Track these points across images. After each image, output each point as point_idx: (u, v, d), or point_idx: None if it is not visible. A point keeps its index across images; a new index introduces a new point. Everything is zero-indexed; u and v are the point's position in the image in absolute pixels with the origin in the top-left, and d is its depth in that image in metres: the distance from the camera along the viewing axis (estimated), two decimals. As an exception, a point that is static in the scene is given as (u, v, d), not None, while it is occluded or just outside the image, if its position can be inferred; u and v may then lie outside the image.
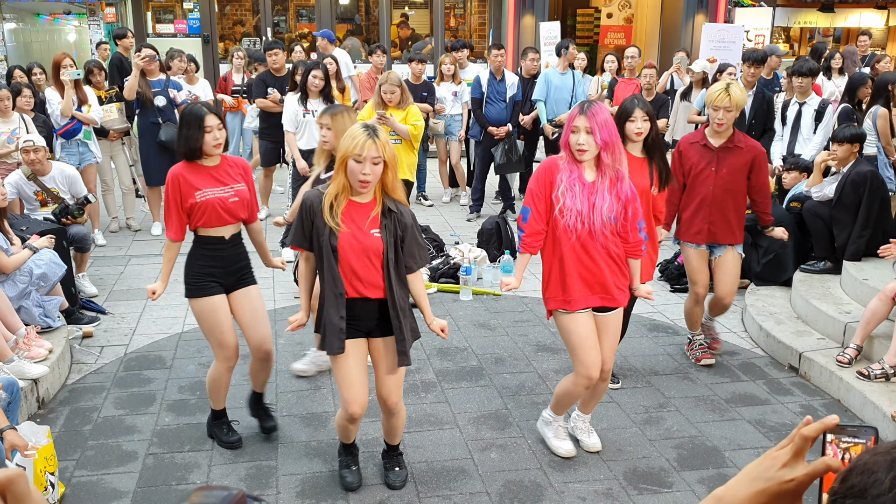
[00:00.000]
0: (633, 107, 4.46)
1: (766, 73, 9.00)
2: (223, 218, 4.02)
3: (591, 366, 3.93)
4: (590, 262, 3.85)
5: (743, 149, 4.91)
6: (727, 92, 4.77)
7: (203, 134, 3.91)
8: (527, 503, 3.89)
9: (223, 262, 4.09)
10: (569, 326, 3.94)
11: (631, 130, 4.45)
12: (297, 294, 6.58)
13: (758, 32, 14.43)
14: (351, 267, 3.50)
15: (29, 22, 14.78)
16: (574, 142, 3.71)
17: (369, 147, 3.38)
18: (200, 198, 3.95)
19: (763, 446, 4.42)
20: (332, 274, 3.51)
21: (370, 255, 3.50)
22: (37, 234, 5.61)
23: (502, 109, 8.84)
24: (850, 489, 0.93)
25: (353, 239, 3.47)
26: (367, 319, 3.62)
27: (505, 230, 7.61)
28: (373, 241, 3.50)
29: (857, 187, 5.98)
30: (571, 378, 4.08)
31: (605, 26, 16.47)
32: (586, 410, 4.34)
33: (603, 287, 3.89)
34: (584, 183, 3.76)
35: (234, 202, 4.03)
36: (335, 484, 4.02)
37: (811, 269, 6.28)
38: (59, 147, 7.80)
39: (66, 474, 4.08)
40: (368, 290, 3.55)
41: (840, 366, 5.00)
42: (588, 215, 3.75)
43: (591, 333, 3.94)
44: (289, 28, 15.09)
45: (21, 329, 4.95)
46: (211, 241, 4.05)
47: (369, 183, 3.44)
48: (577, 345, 3.94)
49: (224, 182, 4.04)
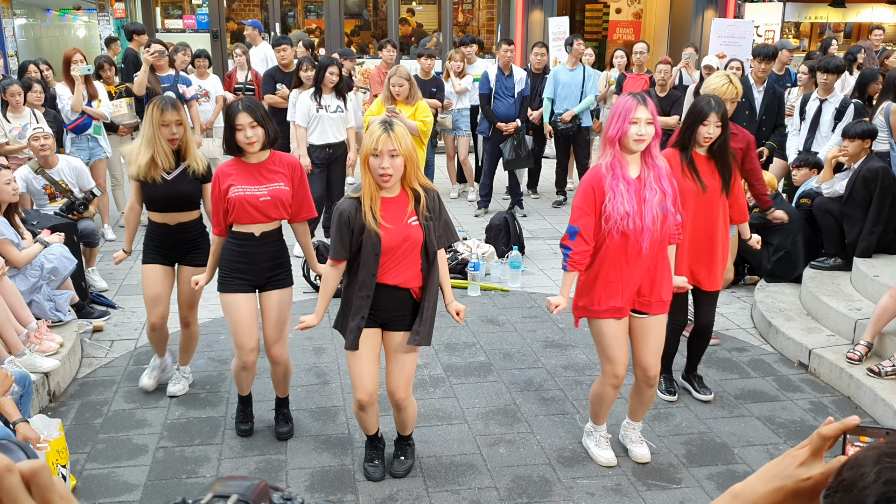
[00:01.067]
0: (709, 110, 4.27)
1: (777, 69, 8.96)
2: (253, 216, 3.99)
3: (618, 362, 3.89)
4: (633, 266, 3.75)
5: (738, 135, 4.95)
6: (732, 83, 4.77)
7: (235, 132, 3.92)
8: (535, 498, 3.89)
9: (252, 259, 4.07)
10: (601, 328, 3.89)
11: (701, 134, 4.29)
12: (305, 289, 6.60)
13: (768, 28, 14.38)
14: (394, 260, 3.54)
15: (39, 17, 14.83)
16: (635, 132, 3.62)
17: (384, 141, 3.39)
18: (233, 193, 3.96)
19: (772, 443, 4.41)
20: (368, 274, 3.53)
21: (412, 245, 3.54)
22: (48, 229, 5.64)
23: (511, 105, 8.83)
24: (840, 483, 0.95)
25: (395, 234, 3.50)
26: (388, 310, 3.65)
27: (513, 226, 7.61)
28: (414, 230, 3.54)
29: (869, 183, 5.96)
30: (600, 380, 4.05)
31: (613, 22, 16.43)
32: (636, 418, 4.24)
33: (642, 293, 3.83)
34: (628, 181, 3.68)
35: (265, 201, 3.98)
36: (345, 477, 4.04)
37: (821, 266, 6.26)
38: (69, 142, 7.83)
39: (78, 467, 4.10)
40: (405, 280, 3.58)
41: (850, 363, 4.99)
42: (639, 212, 3.65)
43: (622, 334, 3.90)
44: (297, 23, 15.10)
45: (32, 323, 4.98)
46: (240, 236, 4.05)
47: (391, 177, 3.45)
48: (606, 345, 3.90)
49: (261, 181, 4.00)
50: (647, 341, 3.94)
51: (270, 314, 4.18)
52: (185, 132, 4.42)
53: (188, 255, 4.59)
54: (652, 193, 3.68)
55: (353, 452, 4.24)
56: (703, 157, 4.41)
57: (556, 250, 7.88)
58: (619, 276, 3.77)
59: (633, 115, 3.62)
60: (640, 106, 3.62)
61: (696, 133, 4.31)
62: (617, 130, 3.66)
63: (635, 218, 3.65)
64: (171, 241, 4.54)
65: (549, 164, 10.31)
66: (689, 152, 4.38)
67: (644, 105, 3.63)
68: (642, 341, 3.95)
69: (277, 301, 4.18)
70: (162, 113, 4.31)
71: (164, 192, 4.43)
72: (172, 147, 4.42)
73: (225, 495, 0.81)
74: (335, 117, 7.26)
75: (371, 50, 14.82)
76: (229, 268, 4.08)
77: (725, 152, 4.40)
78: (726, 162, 4.42)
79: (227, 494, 0.81)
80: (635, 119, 3.62)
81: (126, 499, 3.87)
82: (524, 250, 7.62)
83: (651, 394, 4.08)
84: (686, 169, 4.35)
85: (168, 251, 4.58)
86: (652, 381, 4.00)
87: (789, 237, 6.37)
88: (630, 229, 3.66)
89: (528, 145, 8.93)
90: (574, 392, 4.96)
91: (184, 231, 4.54)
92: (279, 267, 4.17)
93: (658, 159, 3.75)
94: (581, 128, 9.16)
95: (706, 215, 4.42)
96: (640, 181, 3.70)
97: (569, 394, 4.95)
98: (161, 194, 4.43)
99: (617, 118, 3.66)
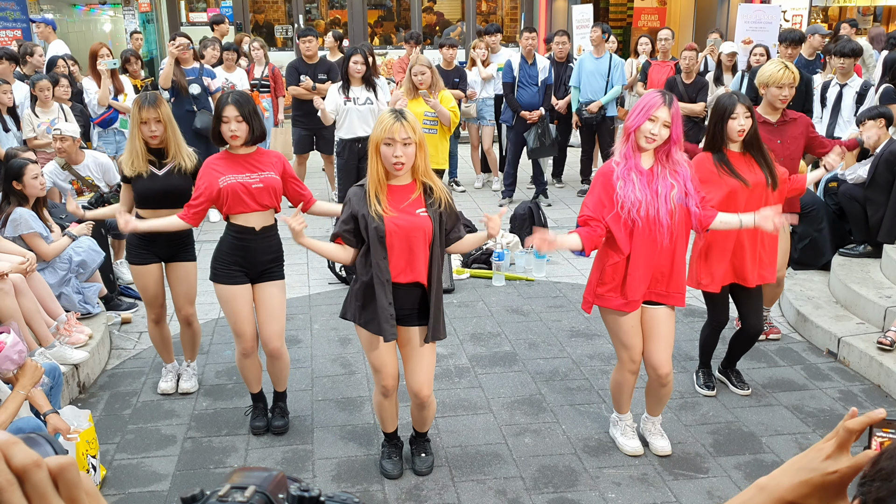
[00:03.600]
0: (733, 103, 4.17)
1: (808, 54, 8.80)
2: (247, 204, 4.01)
3: (633, 348, 3.91)
4: (648, 254, 3.72)
5: (797, 119, 4.92)
6: (788, 69, 4.73)
7: (220, 123, 3.97)
8: (561, 488, 3.89)
9: (250, 253, 4.10)
10: (615, 319, 3.89)
11: (733, 129, 4.17)
12: (331, 280, 6.63)
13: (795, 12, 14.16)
14: (398, 250, 3.52)
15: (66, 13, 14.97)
16: (648, 129, 3.61)
17: (398, 129, 3.40)
18: (223, 183, 3.98)
19: (800, 432, 4.37)
20: (378, 261, 3.52)
21: (418, 235, 3.52)
22: (75, 222, 5.71)
23: (534, 94, 8.78)
24: (878, 472, 0.95)
25: (401, 221, 3.49)
26: (403, 308, 3.63)
27: (538, 215, 7.58)
28: (421, 220, 3.52)
29: (892, 166, 5.89)
30: (617, 368, 4.06)
31: (638, 8, 16.26)
32: (654, 413, 4.21)
33: (656, 282, 3.80)
34: (640, 171, 3.67)
35: (258, 188, 4.02)
36: (370, 468, 4.06)
37: (850, 253, 6.18)
38: (96, 136, 7.91)
39: (107, 457, 4.16)
40: (414, 273, 3.56)
41: (881, 349, 4.93)
42: (652, 202, 3.63)
43: (636, 322, 3.90)
44: (321, 15, 15.12)
45: (62, 315, 5.05)
46: (241, 230, 4.08)
47: (404, 165, 3.46)
48: (621, 333, 3.91)
49: (252, 170, 4.04)
50: (657, 336, 3.91)
51: (265, 306, 4.19)
52: (166, 130, 4.38)
53: (179, 252, 4.59)
54: (666, 187, 3.65)
55: (378, 442, 4.25)
56: (738, 153, 4.28)
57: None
58: (636, 269, 3.75)
59: (654, 112, 3.61)
60: (663, 106, 3.61)
61: (726, 128, 4.22)
62: (634, 122, 3.67)
63: (648, 207, 3.63)
64: (163, 239, 4.49)
65: (573, 152, 10.25)
66: (723, 152, 4.26)
67: (667, 107, 3.61)
68: (652, 336, 3.92)
69: (272, 293, 4.19)
70: (140, 110, 4.31)
71: (156, 188, 4.41)
72: (154, 144, 4.41)
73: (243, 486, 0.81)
74: (364, 110, 7.01)
75: (394, 41, 14.81)
76: (227, 260, 4.11)
77: (759, 144, 4.28)
78: (762, 154, 4.28)
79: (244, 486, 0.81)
80: (654, 117, 3.61)
81: (155, 489, 3.92)
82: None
83: (665, 392, 4.05)
84: (722, 168, 4.22)
85: (159, 249, 4.55)
86: (664, 379, 3.96)
87: (814, 224, 6.29)
88: (642, 217, 3.63)
89: (552, 134, 8.88)
90: (600, 381, 4.94)
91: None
92: (275, 261, 4.20)
93: (679, 165, 3.70)
94: (606, 117, 9.10)
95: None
96: (652, 173, 3.68)
97: (594, 383, 4.93)
98: (153, 189, 4.41)
99: (639, 110, 3.67)
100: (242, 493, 0.80)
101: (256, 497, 0.80)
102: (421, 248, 3.54)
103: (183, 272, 4.61)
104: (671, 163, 3.69)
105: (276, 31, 14.63)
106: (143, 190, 4.42)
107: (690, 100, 8.30)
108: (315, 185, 9.72)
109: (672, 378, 4.03)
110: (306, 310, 6.09)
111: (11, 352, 3.56)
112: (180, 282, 4.62)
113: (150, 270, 4.57)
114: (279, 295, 4.22)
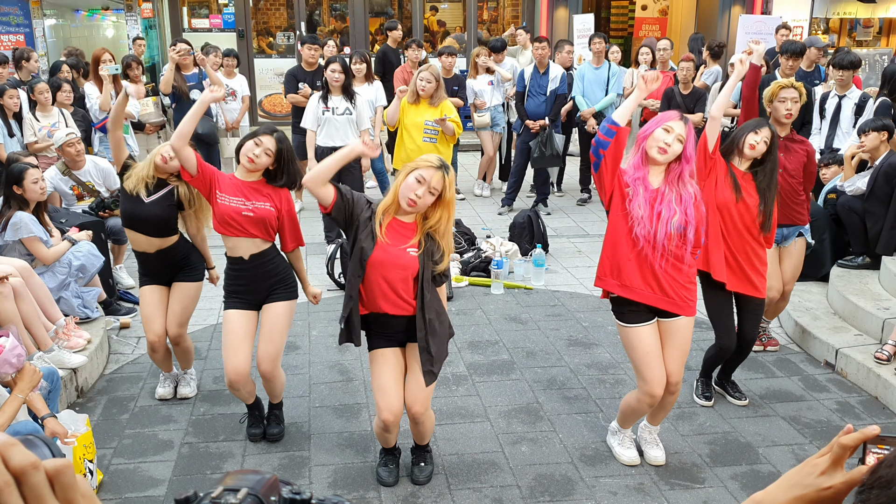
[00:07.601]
0: (764, 124, 4.31)
1: (806, 66, 8.83)
2: (233, 228, 4.01)
3: (653, 382, 3.82)
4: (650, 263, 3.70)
5: (803, 142, 5.02)
6: (793, 85, 4.81)
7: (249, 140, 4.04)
8: (558, 497, 3.89)
9: (246, 281, 4.11)
10: (632, 341, 3.83)
11: (748, 140, 4.26)
12: (329, 287, 6.64)
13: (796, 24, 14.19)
14: (382, 281, 3.54)
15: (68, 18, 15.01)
16: (661, 137, 3.60)
17: (437, 177, 3.43)
18: (220, 199, 4.02)
19: (797, 443, 4.37)
20: (353, 276, 3.57)
21: (404, 272, 3.53)
22: (76, 227, 5.72)
23: (541, 103, 8.82)
24: (877, 480, 0.96)
25: (388, 254, 3.51)
26: (402, 332, 3.67)
27: (537, 224, 7.58)
28: (409, 259, 3.53)
29: (891, 179, 5.90)
30: (636, 394, 3.99)
31: (639, 18, 16.31)
32: (654, 422, 4.20)
33: (663, 291, 3.75)
34: (647, 188, 3.65)
35: (248, 217, 4.00)
36: (367, 475, 4.06)
37: (849, 265, 6.19)
38: (97, 141, 7.93)
39: (104, 462, 4.16)
40: (399, 307, 3.58)
41: (878, 362, 4.93)
42: (649, 221, 3.61)
43: (655, 349, 3.82)
44: (322, 22, 15.15)
45: (60, 319, 5.05)
46: (233, 260, 4.12)
47: (416, 205, 3.47)
48: (640, 360, 3.83)
49: (248, 197, 4.03)
50: (672, 345, 3.87)
51: (264, 326, 4.18)
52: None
53: (180, 273, 4.60)
54: (669, 212, 3.62)
55: (375, 450, 4.25)
56: (741, 172, 4.33)
57: (581, 248, 7.86)
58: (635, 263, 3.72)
59: (668, 123, 3.62)
60: (679, 121, 3.63)
61: (744, 137, 4.26)
62: (647, 129, 3.68)
63: (647, 225, 3.62)
64: (160, 266, 4.54)
65: (573, 161, 10.26)
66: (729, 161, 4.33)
67: (683, 123, 3.63)
68: (666, 345, 3.88)
69: (275, 313, 4.17)
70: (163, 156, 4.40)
71: (139, 214, 4.43)
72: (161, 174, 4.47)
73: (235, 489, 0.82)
74: (342, 120, 6.95)
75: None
76: (229, 289, 4.17)
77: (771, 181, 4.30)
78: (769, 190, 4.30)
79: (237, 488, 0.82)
80: (668, 127, 3.61)
81: (152, 493, 3.92)
82: (548, 248, 7.59)
83: (671, 400, 4.03)
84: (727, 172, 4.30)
85: (160, 275, 4.58)
86: (673, 387, 3.93)
87: (815, 236, 6.30)
88: (642, 236, 3.64)
89: (555, 144, 8.86)
90: (597, 391, 4.95)
91: (167, 256, 4.53)
92: (279, 283, 4.17)
93: (687, 186, 3.68)
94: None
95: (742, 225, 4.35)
96: (657, 193, 3.66)
97: (592, 392, 4.93)
98: (136, 214, 4.43)
99: (654, 121, 3.70)
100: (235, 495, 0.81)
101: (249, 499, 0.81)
102: (400, 284, 3.55)
103: (179, 292, 4.59)
104: (680, 185, 3.67)
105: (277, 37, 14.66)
106: (128, 211, 4.49)
107: (688, 110, 8.32)
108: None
109: (680, 388, 4.01)
110: (304, 316, 6.10)
111: (10, 355, 3.56)
112: (174, 301, 4.59)
113: (143, 292, 4.61)
114: (282, 315, 4.17)
